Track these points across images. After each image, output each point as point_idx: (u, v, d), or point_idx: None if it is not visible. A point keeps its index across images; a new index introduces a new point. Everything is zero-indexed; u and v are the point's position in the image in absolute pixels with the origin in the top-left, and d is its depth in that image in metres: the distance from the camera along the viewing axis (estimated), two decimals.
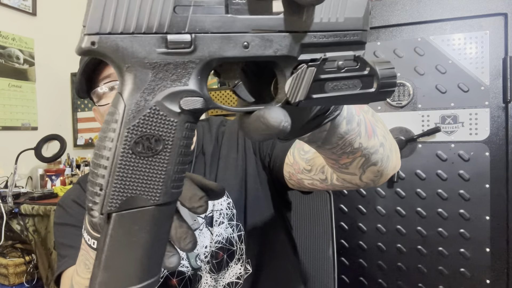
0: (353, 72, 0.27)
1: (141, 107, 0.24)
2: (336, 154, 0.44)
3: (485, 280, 1.19)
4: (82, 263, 0.50)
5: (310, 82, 0.26)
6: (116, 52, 0.23)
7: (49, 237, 1.84)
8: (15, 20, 2.45)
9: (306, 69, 0.26)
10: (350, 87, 0.27)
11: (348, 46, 0.27)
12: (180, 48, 0.24)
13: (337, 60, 0.26)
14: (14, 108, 2.44)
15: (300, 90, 0.26)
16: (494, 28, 1.17)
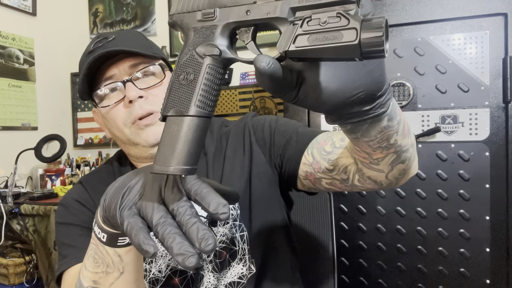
0: (335, 26, 0.29)
1: (186, 54, 0.38)
2: (372, 148, 0.46)
3: (485, 280, 1.19)
4: (91, 257, 0.51)
5: (292, 35, 0.31)
6: (181, 22, 0.39)
7: (49, 237, 1.84)
8: (15, 20, 2.45)
9: (291, 25, 0.31)
10: (331, 39, 0.29)
11: (339, 6, 0.30)
12: (209, 17, 0.37)
13: (321, 18, 0.30)
14: (14, 108, 2.44)
15: (284, 43, 0.31)
16: (494, 28, 1.17)
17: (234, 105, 2.30)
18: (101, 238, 0.48)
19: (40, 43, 2.60)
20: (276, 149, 0.78)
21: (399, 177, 0.54)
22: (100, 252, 0.50)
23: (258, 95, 2.23)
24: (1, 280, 1.99)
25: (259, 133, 0.80)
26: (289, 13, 0.32)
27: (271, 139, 0.79)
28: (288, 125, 0.78)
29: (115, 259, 0.50)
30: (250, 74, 2.29)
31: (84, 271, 0.53)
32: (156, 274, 0.75)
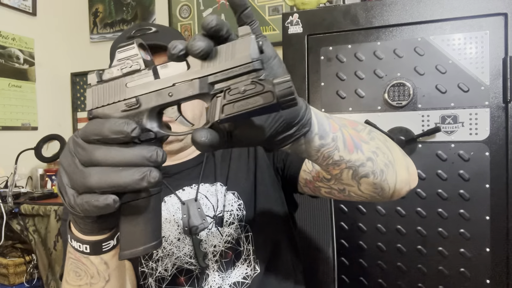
0: (253, 92, 0.34)
1: None
2: (323, 165, 0.50)
3: (485, 280, 1.19)
4: (71, 272, 0.50)
5: (219, 106, 0.35)
6: (103, 115, 0.40)
7: (49, 237, 1.84)
8: (15, 20, 2.45)
9: (216, 98, 0.36)
10: (252, 103, 0.34)
11: (248, 75, 0.35)
12: (133, 106, 0.39)
13: (240, 86, 0.35)
14: (14, 108, 2.44)
15: (215, 113, 0.35)
16: (494, 28, 1.17)
17: None
18: (84, 250, 0.47)
19: (40, 43, 2.60)
20: (279, 153, 0.80)
21: (376, 191, 0.54)
22: (83, 264, 0.49)
23: None
24: (1, 280, 1.99)
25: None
26: (209, 88, 0.36)
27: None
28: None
29: (100, 267, 0.50)
30: None
31: (66, 285, 0.52)
32: (162, 273, 0.75)
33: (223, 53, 0.36)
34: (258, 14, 2.26)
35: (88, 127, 0.39)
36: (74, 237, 0.47)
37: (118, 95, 0.40)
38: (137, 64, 0.39)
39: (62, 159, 0.41)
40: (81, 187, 0.38)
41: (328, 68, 1.35)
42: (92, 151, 0.38)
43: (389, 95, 1.28)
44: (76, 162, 0.39)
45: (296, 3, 1.47)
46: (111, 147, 0.38)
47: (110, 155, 0.38)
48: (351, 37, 1.33)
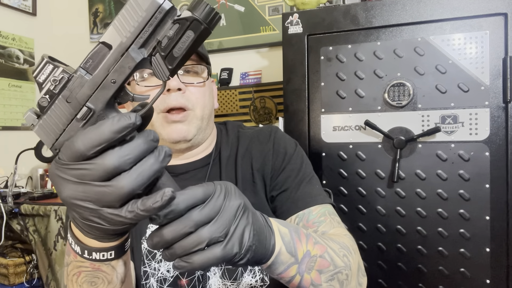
0: (181, 31, 0.35)
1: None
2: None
3: (485, 280, 1.19)
4: (85, 284, 0.48)
5: (162, 62, 0.36)
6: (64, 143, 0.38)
7: (49, 237, 1.84)
8: (15, 20, 2.45)
9: (154, 58, 0.36)
10: (187, 40, 0.35)
11: (165, 19, 0.35)
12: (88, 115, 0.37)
13: (167, 34, 0.35)
14: (14, 108, 2.44)
15: (163, 71, 0.36)
16: (494, 28, 1.17)
17: (234, 105, 2.30)
18: (108, 257, 0.45)
19: (40, 43, 2.60)
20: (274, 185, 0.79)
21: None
22: (102, 272, 0.47)
23: (258, 95, 2.23)
24: (1, 280, 1.99)
25: (276, 157, 0.81)
26: (141, 52, 0.36)
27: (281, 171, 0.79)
28: (297, 168, 0.80)
29: (120, 270, 0.48)
30: (250, 74, 2.29)
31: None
32: (165, 274, 0.75)
33: (132, 14, 0.35)
34: (258, 14, 2.26)
35: (70, 146, 0.35)
36: (96, 249, 0.44)
37: (65, 115, 0.36)
38: (63, 73, 0.37)
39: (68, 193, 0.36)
40: (119, 199, 0.35)
41: (328, 68, 1.35)
42: (102, 162, 0.34)
43: (389, 95, 1.28)
44: (91, 184, 0.35)
45: (296, 3, 1.47)
46: (114, 149, 0.35)
47: (122, 154, 0.35)
48: (351, 37, 1.33)
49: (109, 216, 0.36)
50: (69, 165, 0.35)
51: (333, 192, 1.35)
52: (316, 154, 1.37)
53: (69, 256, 0.48)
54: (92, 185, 0.35)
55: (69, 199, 0.36)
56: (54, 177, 0.37)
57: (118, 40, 0.35)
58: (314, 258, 0.54)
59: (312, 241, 0.55)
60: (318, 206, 0.74)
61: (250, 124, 2.21)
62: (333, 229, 0.71)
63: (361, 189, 1.32)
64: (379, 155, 1.30)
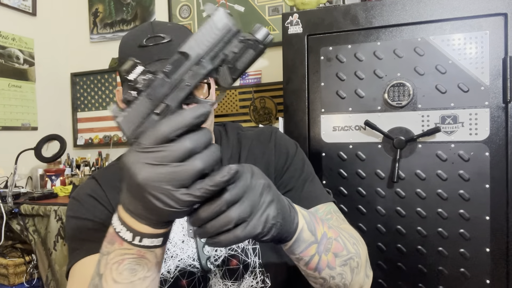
0: (245, 49, 0.44)
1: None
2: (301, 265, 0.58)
3: (485, 280, 1.19)
4: (126, 271, 0.49)
5: (227, 71, 0.44)
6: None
7: (49, 237, 1.84)
8: (15, 20, 2.45)
9: (221, 68, 0.44)
10: (248, 56, 0.44)
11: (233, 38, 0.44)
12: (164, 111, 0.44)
13: (233, 50, 0.44)
14: (14, 108, 2.44)
15: (226, 78, 0.45)
16: (494, 28, 1.17)
17: (234, 105, 2.30)
18: (157, 244, 0.48)
19: (40, 43, 2.60)
20: (278, 185, 0.80)
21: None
22: (145, 259, 0.49)
23: (258, 95, 2.23)
24: (1, 280, 1.99)
25: (279, 157, 0.82)
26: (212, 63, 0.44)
27: (285, 170, 0.81)
28: (300, 167, 0.82)
29: (160, 258, 0.51)
30: (250, 74, 2.29)
31: (114, 284, 0.51)
32: (165, 274, 0.75)
33: (207, 32, 0.43)
34: (258, 14, 2.26)
35: (158, 130, 0.40)
36: (148, 235, 0.47)
37: (146, 110, 0.44)
38: (149, 75, 0.44)
39: (147, 176, 0.40)
40: (192, 177, 0.40)
41: (328, 68, 1.35)
42: (181, 144, 0.39)
43: (389, 95, 1.28)
44: (169, 165, 0.39)
45: (296, 3, 1.47)
46: (189, 134, 0.40)
47: (198, 137, 0.40)
48: (351, 37, 1.33)
49: (181, 196, 0.40)
50: (150, 149, 0.40)
51: (333, 192, 1.35)
52: (316, 154, 1.37)
53: (112, 245, 0.50)
54: (169, 165, 0.39)
55: (146, 181, 0.40)
56: (131, 162, 0.41)
57: (196, 52, 0.43)
58: (330, 240, 0.57)
59: (326, 224, 0.59)
60: (324, 204, 0.77)
61: (250, 124, 2.21)
62: (340, 226, 0.75)
63: (361, 189, 1.32)
64: (379, 155, 1.30)
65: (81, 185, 0.81)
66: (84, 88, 2.78)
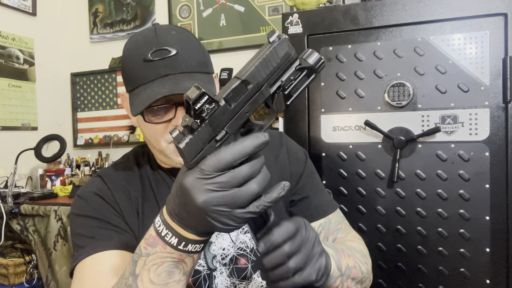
0: (300, 76, 0.46)
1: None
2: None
3: (485, 280, 1.19)
4: (163, 273, 0.51)
5: (282, 99, 0.46)
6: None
7: (49, 237, 1.84)
8: (15, 20, 2.45)
9: (277, 94, 0.46)
10: (302, 83, 0.46)
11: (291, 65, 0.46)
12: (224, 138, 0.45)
13: (289, 76, 0.46)
14: (14, 108, 2.44)
15: (281, 105, 0.46)
16: (494, 28, 1.17)
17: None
18: (198, 249, 0.51)
19: (40, 43, 2.60)
20: (295, 190, 0.84)
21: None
22: (183, 263, 0.52)
23: None
24: (1, 280, 1.99)
25: (293, 163, 0.85)
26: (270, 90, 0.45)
27: (299, 177, 0.85)
28: (312, 176, 0.88)
29: (195, 263, 0.54)
30: None
31: (150, 285, 0.52)
32: None
33: (269, 60, 0.44)
34: (258, 14, 2.26)
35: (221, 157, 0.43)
36: (193, 241, 0.49)
37: (207, 137, 0.44)
38: (214, 103, 0.44)
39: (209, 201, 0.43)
40: (250, 198, 0.44)
41: (328, 68, 1.35)
42: (239, 171, 0.43)
43: (389, 95, 1.28)
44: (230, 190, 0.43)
45: (296, 3, 1.47)
46: (247, 161, 0.44)
47: (255, 164, 0.44)
48: (351, 37, 1.33)
49: (240, 215, 0.44)
50: (212, 175, 0.43)
51: (333, 192, 1.36)
52: (316, 154, 1.37)
53: (153, 247, 0.52)
54: (229, 190, 0.43)
55: (206, 204, 0.43)
56: (192, 187, 0.43)
57: (257, 80, 0.44)
58: (350, 269, 0.65)
59: (346, 254, 0.66)
60: (333, 214, 0.85)
61: None
62: (348, 235, 0.84)
63: (361, 189, 1.32)
64: (379, 155, 1.30)
65: (86, 183, 0.80)
66: (84, 88, 2.78)
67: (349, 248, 0.71)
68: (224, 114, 0.44)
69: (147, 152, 0.84)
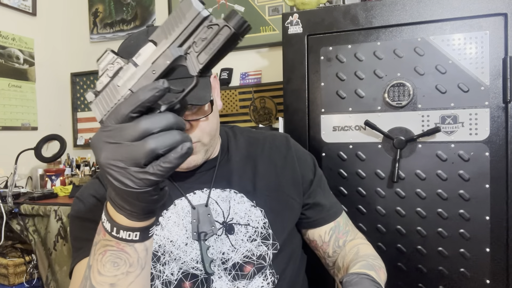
0: (213, 34, 0.41)
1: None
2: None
3: (485, 280, 1.19)
4: (108, 263, 0.51)
5: (195, 59, 0.42)
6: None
7: (49, 237, 1.84)
8: (15, 20, 2.45)
9: (188, 55, 0.43)
10: (217, 42, 0.41)
11: (203, 24, 0.42)
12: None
13: (201, 36, 0.42)
14: (14, 108, 2.43)
15: (194, 65, 0.42)
16: (494, 28, 1.17)
17: (234, 105, 2.30)
18: (134, 238, 0.49)
19: (40, 43, 2.60)
20: (308, 193, 0.87)
21: None
22: (125, 253, 0.50)
23: (258, 95, 2.23)
24: (1, 280, 1.99)
25: (302, 166, 0.87)
26: (179, 50, 0.43)
27: (311, 182, 0.87)
28: (321, 180, 0.92)
29: (142, 255, 0.52)
30: (250, 74, 2.29)
31: (98, 276, 0.52)
32: (169, 276, 0.75)
33: (176, 19, 0.42)
34: (258, 14, 2.26)
35: (118, 110, 0.42)
36: (124, 227, 0.49)
37: (115, 97, 0.45)
38: (118, 63, 0.45)
39: (104, 153, 0.42)
40: (144, 157, 0.40)
41: (328, 68, 1.35)
42: (136, 124, 0.41)
43: (389, 95, 1.28)
44: (124, 144, 0.41)
45: (296, 3, 1.47)
46: (148, 116, 0.41)
47: (153, 119, 0.41)
48: (351, 37, 1.33)
49: (135, 175, 0.41)
50: (110, 127, 0.42)
51: (333, 192, 1.35)
52: (316, 154, 1.37)
53: (99, 235, 0.51)
54: (125, 144, 0.40)
55: (105, 159, 0.42)
56: (96, 142, 0.43)
57: (163, 39, 0.43)
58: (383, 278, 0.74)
59: (377, 267, 0.74)
60: (341, 217, 0.89)
61: (250, 124, 2.21)
62: (356, 236, 0.89)
63: (361, 189, 1.32)
64: (379, 155, 1.30)
65: (85, 185, 0.81)
66: (84, 88, 2.78)
67: (373, 259, 0.79)
68: (131, 74, 0.44)
69: None
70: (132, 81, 0.44)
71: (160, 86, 0.41)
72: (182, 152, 0.41)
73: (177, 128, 0.42)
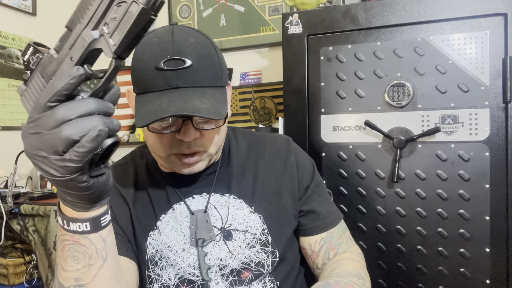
0: (123, 12, 0.39)
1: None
2: None
3: (485, 280, 1.19)
4: (68, 258, 0.51)
5: (108, 39, 0.40)
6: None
7: (49, 237, 1.84)
8: (15, 20, 2.45)
9: (102, 37, 0.41)
10: (128, 20, 0.39)
11: (112, 4, 0.40)
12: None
13: (112, 16, 0.40)
14: (14, 108, 2.44)
15: (108, 47, 0.40)
16: (494, 28, 1.17)
17: (234, 105, 2.30)
18: (85, 229, 0.49)
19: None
20: (304, 199, 0.84)
21: None
22: (82, 246, 0.50)
23: (258, 95, 2.23)
24: (1, 280, 1.99)
25: (301, 171, 0.85)
26: (95, 34, 0.41)
27: (307, 188, 0.85)
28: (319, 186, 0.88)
29: (99, 245, 0.51)
30: (250, 74, 2.29)
31: (63, 272, 0.53)
32: (167, 281, 0.75)
33: (86, 2, 0.41)
34: (258, 14, 2.26)
35: (38, 101, 0.42)
36: (72, 219, 0.49)
37: (40, 87, 0.44)
38: (40, 54, 0.45)
39: (28, 144, 0.42)
40: (61, 144, 0.40)
41: (328, 68, 1.35)
42: (53, 113, 0.40)
43: (389, 95, 1.28)
44: (43, 133, 0.41)
45: (296, 3, 1.47)
46: (65, 104, 0.41)
47: (70, 106, 0.41)
48: (351, 37, 1.33)
49: (56, 163, 0.41)
50: (33, 119, 0.42)
51: (333, 192, 1.35)
52: (316, 154, 1.37)
53: (59, 231, 0.52)
54: (44, 133, 0.41)
55: (29, 150, 0.42)
56: (22, 135, 0.43)
57: (76, 24, 0.42)
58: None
59: (343, 284, 0.69)
60: (336, 227, 0.84)
61: (250, 124, 2.21)
62: (348, 250, 0.84)
63: (361, 189, 1.32)
64: (379, 155, 1.30)
65: None
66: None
67: (344, 275, 0.72)
68: (52, 63, 0.43)
69: (146, 154, 0.84)
70: (53, 69, 0.43)
71: (74, 73, 0.40)
72: (93, 135, 0.40)
73: (101, 114, 0.42)
